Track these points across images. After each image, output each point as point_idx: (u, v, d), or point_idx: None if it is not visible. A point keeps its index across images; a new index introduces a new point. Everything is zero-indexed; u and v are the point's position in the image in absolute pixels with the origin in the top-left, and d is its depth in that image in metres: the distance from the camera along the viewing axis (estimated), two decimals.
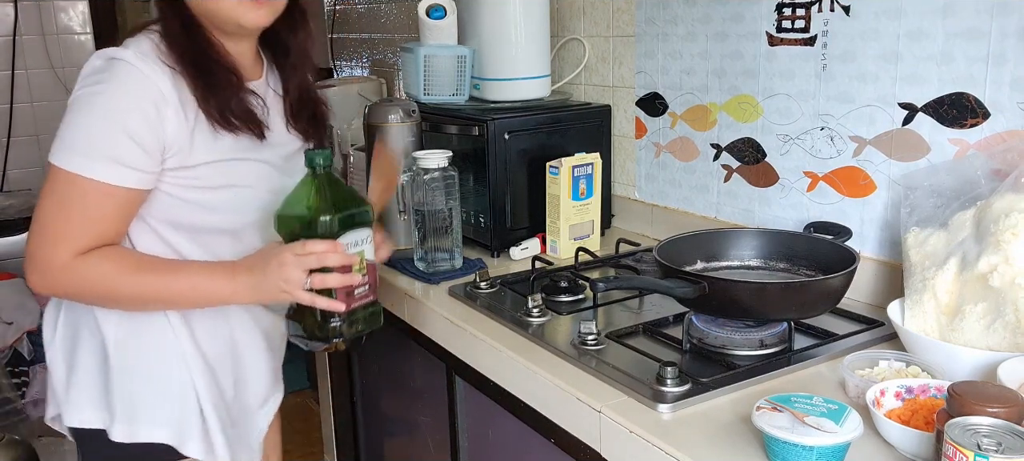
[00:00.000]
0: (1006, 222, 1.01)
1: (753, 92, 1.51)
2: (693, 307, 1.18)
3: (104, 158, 1.02)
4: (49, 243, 1.04)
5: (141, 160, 1.04)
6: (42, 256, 1.05)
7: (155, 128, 1.04)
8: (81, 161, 1.02)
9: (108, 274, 1.05)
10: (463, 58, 1.81)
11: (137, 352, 1.15)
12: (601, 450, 1.04)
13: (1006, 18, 1.13)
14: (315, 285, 1.06)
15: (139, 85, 1.04)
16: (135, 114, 1.03)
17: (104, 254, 1.05)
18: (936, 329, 1.05)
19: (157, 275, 1.08)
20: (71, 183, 1.03)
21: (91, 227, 1.04)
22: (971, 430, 0.75)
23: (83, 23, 2.84)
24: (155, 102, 1.04)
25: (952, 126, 1.22)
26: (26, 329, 1.94)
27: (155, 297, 1.10)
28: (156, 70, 1.05)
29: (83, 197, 1.03)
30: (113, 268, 1.05)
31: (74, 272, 1.04)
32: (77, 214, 1.03)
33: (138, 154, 1.04)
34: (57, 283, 1.07)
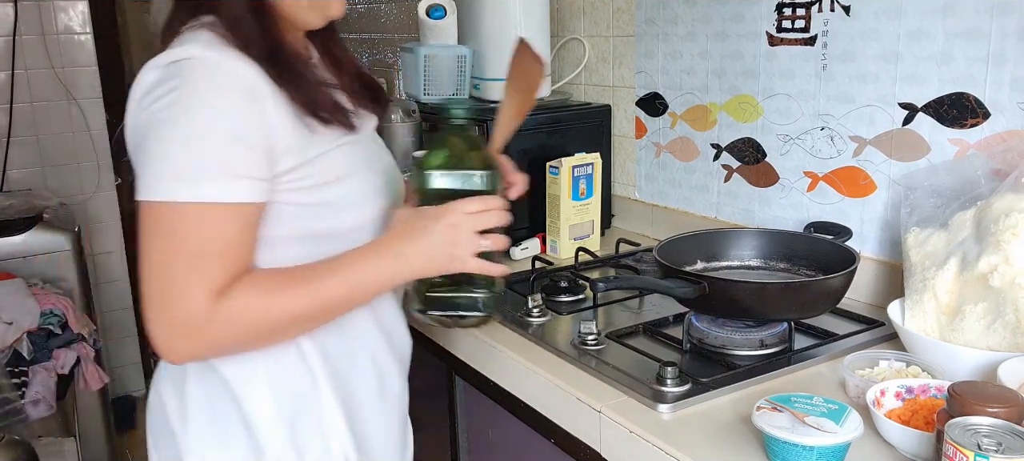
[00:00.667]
0: (1006, 222, 1.01)
1: (753, 92, 1.51)
2: (693, 307, 1.18)
3: (213, 174, 0.83)
4: (179, 295, 0.83)
5: (254, 165, 0.86)
6: (177, 314, 0.84)
7: (259, 123, 0.86)
8: (185, 187, 0.82)
9: (258, 305, 0.86)
10: (463, 58, 1.81)
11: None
12: (601, 450, 1.04)
13: (1006, 18, 1.13)
14: (485, 247, 0.92)
15: (226, 79, 0.85)
16: (234, 112, 0.85)
17: (246, 284, 0.86)
18: (936, 329, 1.05)
19: (311, 284, 0.89)
20: (181, 216, 0.83)
21: (219, 260, 0.84)
22: (971, 430, 0.75)
23: (83, 23, 2.83)
24: (251, 93, 0.86)
25: (952, 126, 1.22)
26: (26, 329, 1.94)
27: (319, 309, 0.91)
28: (235, 58, 0.86)
29: (200, 228, 0.83)
30: (261, 296, 0.86)
31: (221, 318, 0.84)
32: (199, 250, 0.83)
33: (249, 158, 0.85)
34: (205, 338, 0.85)
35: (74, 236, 2.40)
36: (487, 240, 0.93)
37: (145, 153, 0.85)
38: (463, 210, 0.92)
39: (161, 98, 0.84)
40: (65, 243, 2.36)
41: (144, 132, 0.85)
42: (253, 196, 0.86)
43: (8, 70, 2.71)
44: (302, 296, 0.88)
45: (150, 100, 0.85)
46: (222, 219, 0.84)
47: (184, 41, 0.88)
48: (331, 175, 0.94)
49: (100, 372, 2.17)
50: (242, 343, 0.90)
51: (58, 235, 2.36)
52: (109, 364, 2.98)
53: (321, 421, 0.97)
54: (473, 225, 0.92)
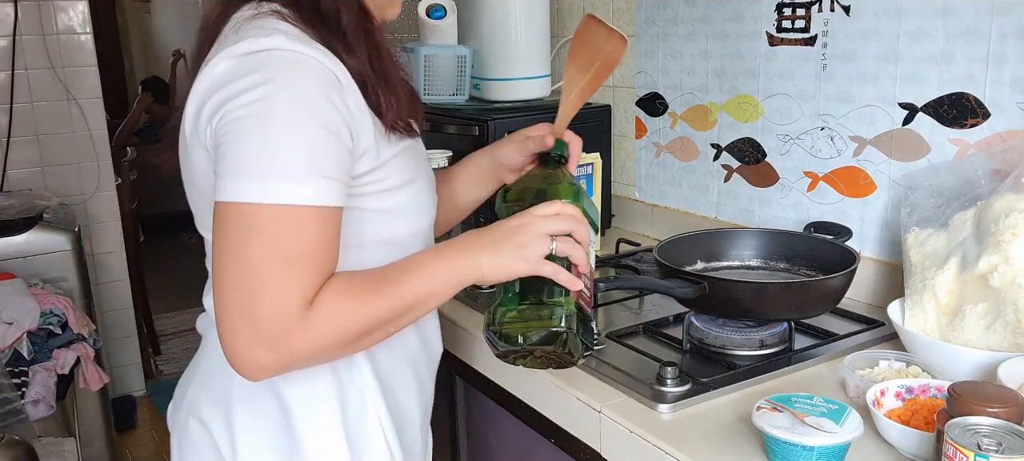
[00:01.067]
0: (1006, 222, 1.01)
1: (753, 92, 1.51)
2: (693, 307, 1.18)
3: (311, 175, 0.78)
4: (271, 302, 0.77)
5: (343, 167, 0.82)
6: (267, 322, 0.77)
7: (347, 121, 0.82)
8: (283, 187, 0.77)
9: (348, 310, 0.81)
10: (463, 58, 1.81)
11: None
12: (601, 450, 1.04)
13: (1006, 18, 1.13)
14: (556, 251, 0.87)
15: (316, 74, 0.79)
16: (326, 110, 0.79)
17: (333, 289, 0.81)
18: (936, 329, 1.05)
19: (391, 286, 0.84)
20: (277, 220, 0.77)
21: (317, 266, 0.80)
22: (971, 430, 0.75)
23: (83, 23, 2.83)
24: (338, 89, 0.81)
25: (952, 126, 1.22)
26: (26, 329, 1.94)
27: (403, 311, 0.86)
28: (321, 51, 0.81)
29: (300, 232, 0.78)
30: (350, 300, 0.81)
31: (312, 323, 0.79)
32: (298, 255, 0.78)
33: (341, 160, 0.81)
34: (299, 348, 0.79)
35: (74, 236, 2.40)
36: (564, 245, 0.87)
37: (233, 152, 0.78)
38: (535, 212, 0.89)
39: (245, 93, 0.78)
40: (65, 243, 2.36)
41: (230, 131, 0.78)
42: (342, 200, 0.82)
43: (8, 70, 2.71)
44: (387, 297, 0.84)
45: (229, 93, 0.78)
46: (315, 222, 0.79)
47: (262, 29, 0.81)
48: (397, 181, 0.90)
49: (100, 372, 2.17)
50: (329, 351, 0.84)
51: (58, 235, 2.36)
52: (109, 364, 2.98)
53: (371, 434, 0.94)
54: (544, 227, 0.87)
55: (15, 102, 2.75)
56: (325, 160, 0.79)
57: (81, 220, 2.64)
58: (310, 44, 0.80)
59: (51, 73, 2.79)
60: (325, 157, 0.79)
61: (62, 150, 2.85)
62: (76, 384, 2.11)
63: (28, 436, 1.71)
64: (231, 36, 0.83)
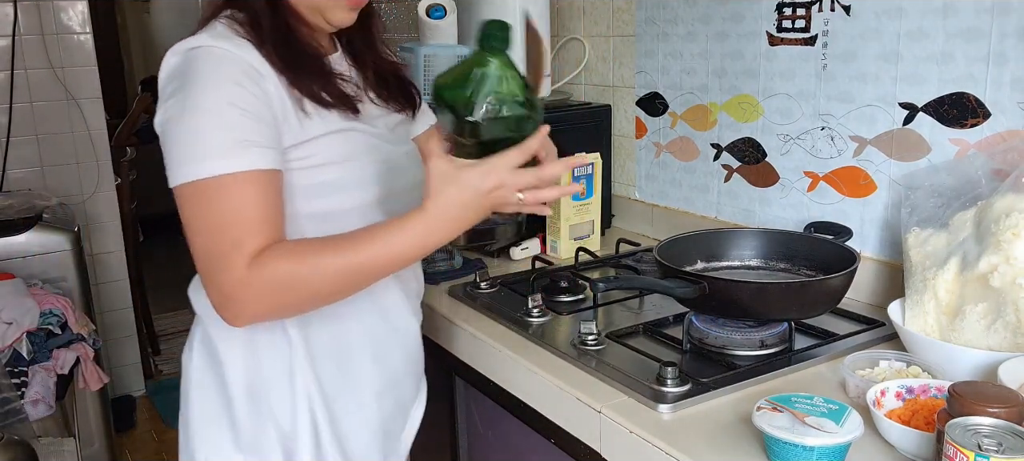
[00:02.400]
0: (1007, 222, 1.01)
1: (753, 92, 1.51)
2: (693, 307, 1.18)
3: (223, 148, 0.89)
4: (219, 268, 0.89)
5: (262, 134, 0.92)
6: (223, 282, 0.89)
7: (259, 98, 0.93)
8: (203, 165, 0.89)
9: (290, 269, 0.90)
10: (463, 58, 1.81)
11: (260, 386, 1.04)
12: (601, 450, 1.04)
13: (1006, 18, 1.13)
14: (527, 203, 0.93)
15: (230, 62, 0.92)
16: (238, 89, 0.91)
17: (277, 250, 0.90)
18: (937, 329, 1.05)
19: (341, 250, 0.92)
20: (203, 193, 0.89)
21: (248, 225, 0.89)
22: (972, 430, 0.74)
23: (83, 23, 2.83)
24: (248, 75, 0.93)
25: (952, 126, 1.21)
26: (26, 329, 1.94)
27: (354, 273, 0.93)
28: (240, 47, 0.94)
29: (224, 199, 0.89)
30: (292, 260, 0.90)
31: (257, 282, 0.89)
32: (227, 219, 0.89)
33: (257, 128, 0.91)
34: (250, 303, 0.90)
35: (74, 236, 2.40)
36: (533, 195, 0.92)
37: (169, 144, 0.91)
38: (507, 165, 0.91)
39: (175, 90, 0.92)
40: (65, 243, 2.36)
41: (166, 123, 0.92)
42: (266, 162, 0.91)
43: (8, 70, 2.71)
44: (335, 259, 0.91)
45: (168, 91, 0.93)
46: (239, 186, 0.89)
47: (201, 32, 0.96)
48: (327, 157, 0.99)
49: (100, 372, 2.17)
50: (285, 306, 0.94)
51: (58, 235, 2.36)
52: (108, 364, 2.98)
53: (293, 393, 1.04)
54: (517, 182, 0.91)
55: (14, 102, 2.74)
56: (239, 131, 0.90)
57: (81, 220, 2.64)
58: (231, 40, 0.94)
59: (51, 73, 2.79)
60: (239, 128, 0.90)
61: (62, 150, 2.85)
62: (76, 384, 2.10)
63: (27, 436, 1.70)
64: None
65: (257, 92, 0.92)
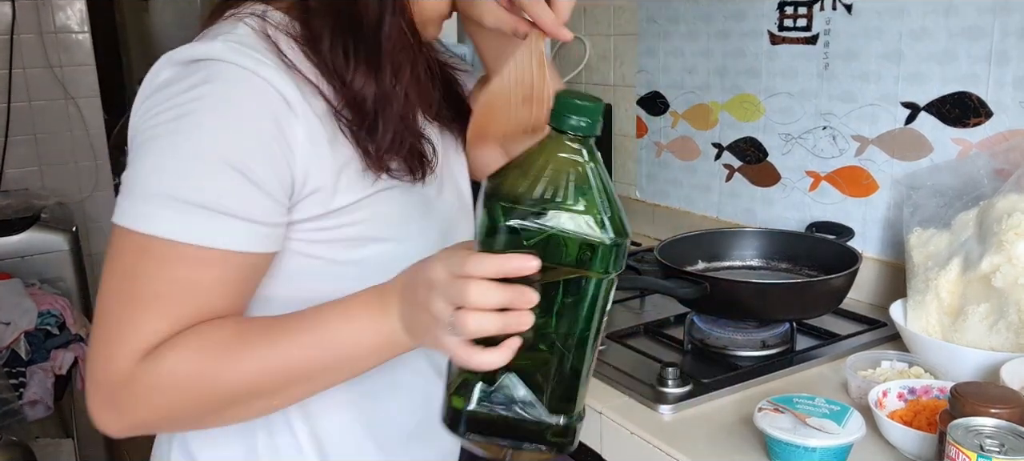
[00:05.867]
0: (1009, 222, 1.01)
1: (755, 91, 1.51)
2: (695, 307, 1.17)
3: (198, 208, 0.64)
4: (108, 343, 0.65)
5: (257, 205, 0.66)
6: (100, 372, 0.66)
7: (276, 155, 0.66)
8: (158, 214, 0.64)
9: (191, 369, 0.65)
10: (463, 58, 1.80)
11: None
12: (602, 451, 1.03)
13: (1008, 17, 1.12)
14: (463, 331, 0.58)
15: (244, 90, 0.65)
16: (243, 139, 0.65)
17: (180, 341, 0.65)
18: (939, 329, 1.05)
19: (276, 342, 0.66)
20: (145, 251, 0.65)
21: (172, 313, 0.65)
22: (974, 431, 0.74)
23: (81, 22, 2.83)
24: (274, 114, 0.66)
25: (955, 125, 1.21)
26: (24, 330, 1.94)
27: (283, 380, 0.67)
28: (267, 66, 0.66)
29: (161, 271, 0.65)
30: (195, 358, 0.65)
31: (143, 383, 0.65)
32: (148, 295, 0.65)
33: (252, 197, 0.65)
34: (133, 406, 0.66)
35: (72, 236, 2.39)
36: (460, 319, 0.58)
37: (132, 167, 0.67)
38: (451, 262, 0.59)
39: (163, 103, 0.66)
40: (63, 243, 2.35)
41: (139, 142, 0.67)
42: (251, 244, 0.66)
43: (6, 69, 2.70)
44: (264, 358, 0.66)
45: (153, 103, 0.67)
46: (196, 265, 0.65)
47: (216, 33, 0.69)
48: (370, 229, 0.73)
49: None
50: (180, 420, 0.70)
51: (56, 235, 2.35)
52: None
53: None
54: (450, 294, 0.58)
55: (12, 101, 2.74)
56: (225, 193, 0.65)
57: (79, 220, 2.63)
58: (257, 54, 0.67)
59: (49, 72, 2.78)
60: (226, 190, 0.65)
61: (60, 149, 2.84)
62: (74, 385, 2.10)
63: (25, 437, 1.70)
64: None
65: (274, 141, 0.66)
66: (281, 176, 0.67)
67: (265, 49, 0.68)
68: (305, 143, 0.68)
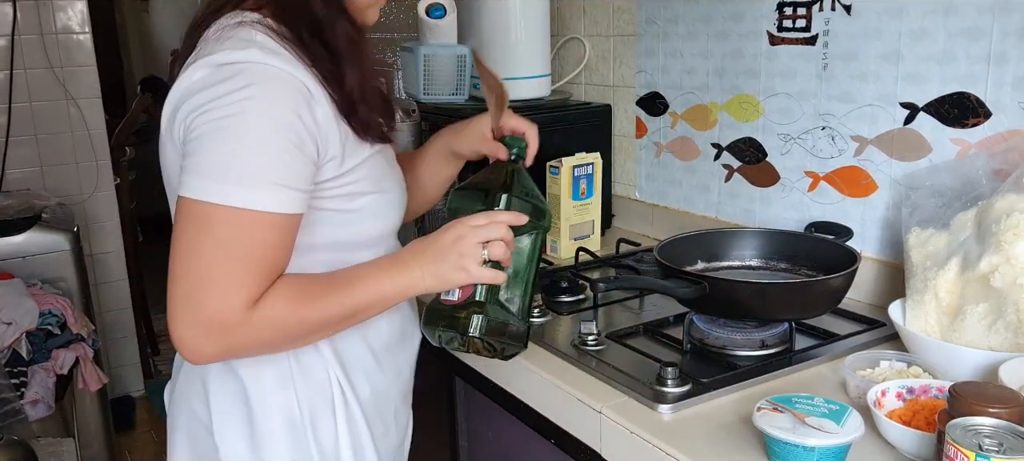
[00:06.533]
0: (1007, 222, 1.01)
1: (754, 91, 1.51)
2: (694, 307, 1.18)
3: (267, 182, 0.83)
4: (217, 297, 0.83)
5: (303, 175, 0.87)
6: (211, 316, 0.83)
7: (312, 132, 0.87)
8: (238, 191, 0.82)
9: (289, 312, 0.87)
10: (463, 57, 1.81)
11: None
12: (601, 451, 1.04)
13: (1007, 17, 1.13)
14: (492, 256, 0.95)
15: (284, 86, 0.85)
16: (294, 122, 0.85)
17: (278, 291, 0.87)
18: (937, 329, 1.05)
19: (334, 295, 0.91)
20: (228, 220, 0.82)
21: (261, 266, 0.85)
22: (973, 431, 0.74)
23: (82, 22, 2.83)
24: (307, 102, 0.86)
25: (953, 126, 1.21)
26: (25, 329, 1.94)
27: (345, 317, 0.93)
28: (294, 65, 0.86)
29: (248, 233, 0.84)
30: (292, 304, 0.87)
31: (254, 323, 0.85)
32: (246, 256, 0.84)
33: (301, 168, 0.86)
34: (238, 342, 0.86)
35: (73, 236, 2.39)
36: (491, 249, 0.94)
37: (200, 153, 0.83)
38: (468, 222, 0.95)
39: (218, 100, 0.83)
40: (64, 243, 2.36)
41: (200, 135, 0.83)
42: (299, 207, 0.87)
43: (7, 70, 2.70)
44: (329, 305, 0.90)
45: (203, 100, 0.84)
46: (268, 228, 0.85)
47: (240, 41, 0.86)
48: (362, 186, 0.96)
49: (99, 372, 2.16)
50: (268, 347, 0.91)
51: (57, 235, 2.35)
52: (108, 364, 2.98)
53: (328, 421, 1.00)
54: (476, 236, 0.94)
55: (14, 102, 2.74)
56: (285, 170, 0.84)
57: (80, 220, 2.63)
58: (283, 57, 0.86)
59: (50, 73, 2.78)
60: (285, 168, 0.84)
61: (61, 150, 2.85)
62: (75, 384, 2.10)
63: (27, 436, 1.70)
64: (212, 42, 0.88)
65: (309, 122, 0.86)
66: (314, 148, 0.88)
67: (284, 51, 0.87)
68: (324, 121, 0.89)
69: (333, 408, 1.00)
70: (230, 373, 0.97)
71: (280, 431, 0.97)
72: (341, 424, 1.00)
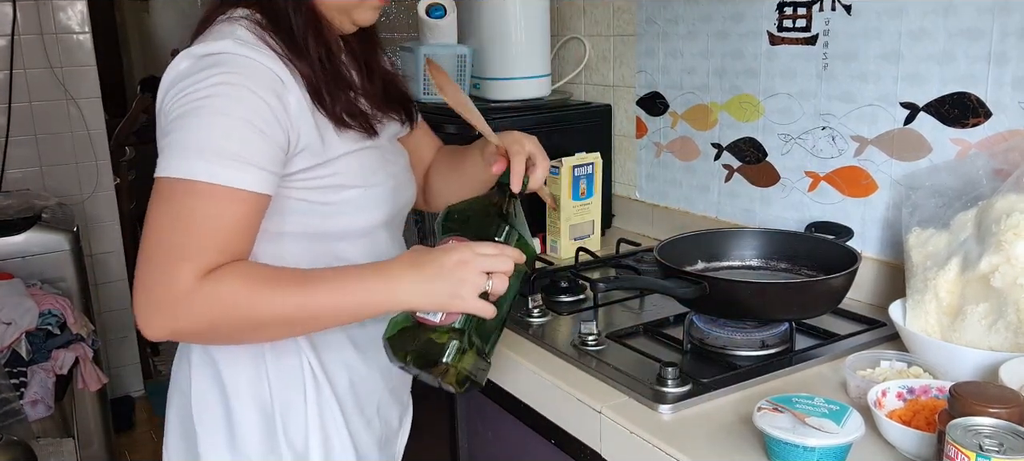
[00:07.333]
0: (1008, 222, 1.01)
1: (754, 91, 1.51)
2: (694, 307, 1.18)
3: (229, 158, 0.85)
4: (166, 266, 0.84)
5: (269, 157, 0.88)
6: (159, 286, 0.83)
7: (281, 118, 0.89)
8: (200, 165, 0.84)
9: (240, 294, 0.85)
10: (463, 57, 1.81)
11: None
12: (601, 451, 1.03)
13: (1007, 17, 1.12)
14: (489, 288, 0.90)
15: (254, 73, 0.88)
16: (259, 104, 0.87)
17: (232, 270, 0.85)
18: (937, 329, 1.05)
19: (300, 287, 0.88)
20: (190, 193, 0.84)
21: (216, 241, 0.85)
22: (973, 431, 0.74)
23: (82, 22, 2.83)
24: (275, 90, 0.89)
25: (954, 126, 1.21)
26: (25, 329, 1.94)
27: (300, 316, 0.89)
28: (266, 55, 0.90)
29: (206, 206, 0.85)
30: (245, 286, 0.85)
31: (200, 298, 0.83)
32: (198, 226, 0.84)
33: (266, 150, 0.87)
34: (180, 316, 0.84)
35: (73, 236, 2.39)
36: (492, 280, 0.90)
37: (171, 134, 0.86)
38: (476, 249, 0.90)
39: (192, 88, 0.86)
40: (64, 243, 2.36)
41: (173, 119, 0.87)
42: (263, 187, 0.88)
43: (7, 70, 2.70)
44: (286, 297, 0.87)
45: (181, 88, 0.87)
46: (229, 203, 0.85)
47: (219, 34, 0.90)
48: (345, 179, 0.96)
49: (99, 372, 2.16)
50: (218, 331, 0.88)
51: (57, 235, 2.35)
52: (108, 365, 2.98)
53: (306, 415, 1.01)
54: (483, 265, 0.89)
55: (13, 102, 2.74)
56: (248, 148, 0.86)
57: (80, 220, 2.63)
58: (257, 48, 0.90)
59: (50, 73, 2.78)
60: (248, 145, 0.86)
61: (61, 150, 2.85)
62: (75, 384, 2.10)
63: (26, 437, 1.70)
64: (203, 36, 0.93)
65: (278, 109, 0.88)
66: (283, 135, 0.90)
67: (260, 43, 0.91)
68: (296, 110, 0.91)
69: (305, 396, 0.99)
70: (209, 360, 0.99)
71: (253, 421, 0.98)
72: (312, 414, 1.00)
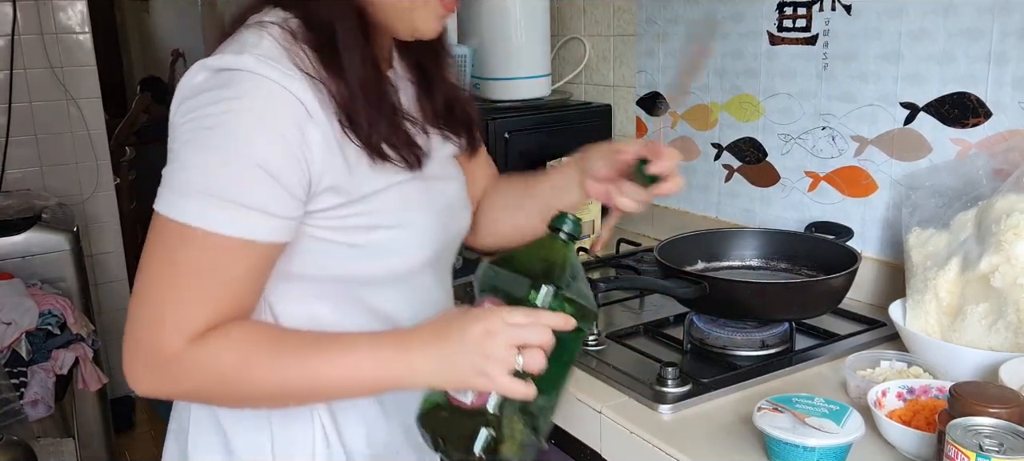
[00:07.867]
0: (1008, 222, 1.01)
1: (754, 91, 1.51)
2: (694, 307, 1.18)
3: (230, 203, 0.73)
4: (153, 322, 0.75)
5: (281, 203, 0.75)
6: (145, 342, 0.75)
7: (299, 155, 0.75)
8: (196, 208, 0.73)
9: (233, 363, 0.75)
10: (463, 57, 1.81)
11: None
12: (601, 451, 1.03)
13: (1007, 17, 1.12)
14: (520, 366, 0.73)
15: (273, 101, 0.74)
16: (273, 143, 0.74)
17: (226, 334, 0.75)
18: (938, 329, 1.05)
19: (304, 356, 0.76)
20: (184, 238, 0.73)
21: (210, 296, 0.75)
22: (973, 431, 0.74)
23: (82, 22, 2.83)
24: (297, 122, 0.75)
25: (954, 126, 1.21)
26: (25, 329, 1.94)
27: (301, 389, 0.78)
28: (291, 77, 0.75)
29: (199, 257, 0.74)
30: (239, 353, 0.75)
31: (188, 363, 0.74)
32: (191, 279, 0.74)
33: (277, 194, 0.75)
34: (167, 380, 0.76)
35: (73, 236, 2.39)
36: (527, 358, 0.73)
37: (173, 164, 0.76)
38: (504, 317, 0.73)
39: (201, 110, 0.75)
40: (64, 243, 2.35)
41: (178, 144, 0.76)
42: (269, 235, 0.76)
43: (7, 70, 2.70)
44: (285, 369, 0.76)
45: (193, 109, 0.76)
46: (226, 253, 0.74)
47: (242, 45, 0.77)
48: (379, 219, 0.83)
49: (99, 372, 2.16)
50: (211, 397, 0.81)
51: (57, 235, 2.35)
52: (108, 365, 2.97)
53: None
54: (512, 337, 0.73)
55: (13, 102, 2.74)
56: (253, 192, 0.74)
57: (80, 220, 2.63)
58: (282, 66, 0.76)
59: (50, 73, 2.78)
60: (254, 188, 0.74)
61: (61, 150, 2.84)
62: (75, 384, 2.10)
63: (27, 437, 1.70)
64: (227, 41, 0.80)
65: (296, 144, 0.75)
66: (302, 175, 0.77)
67: (287, 60, 0.77)
68: (321, 146, 0.77)
69: (313, 458, 0.86)
70: (210, 410, 0.88)
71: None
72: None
